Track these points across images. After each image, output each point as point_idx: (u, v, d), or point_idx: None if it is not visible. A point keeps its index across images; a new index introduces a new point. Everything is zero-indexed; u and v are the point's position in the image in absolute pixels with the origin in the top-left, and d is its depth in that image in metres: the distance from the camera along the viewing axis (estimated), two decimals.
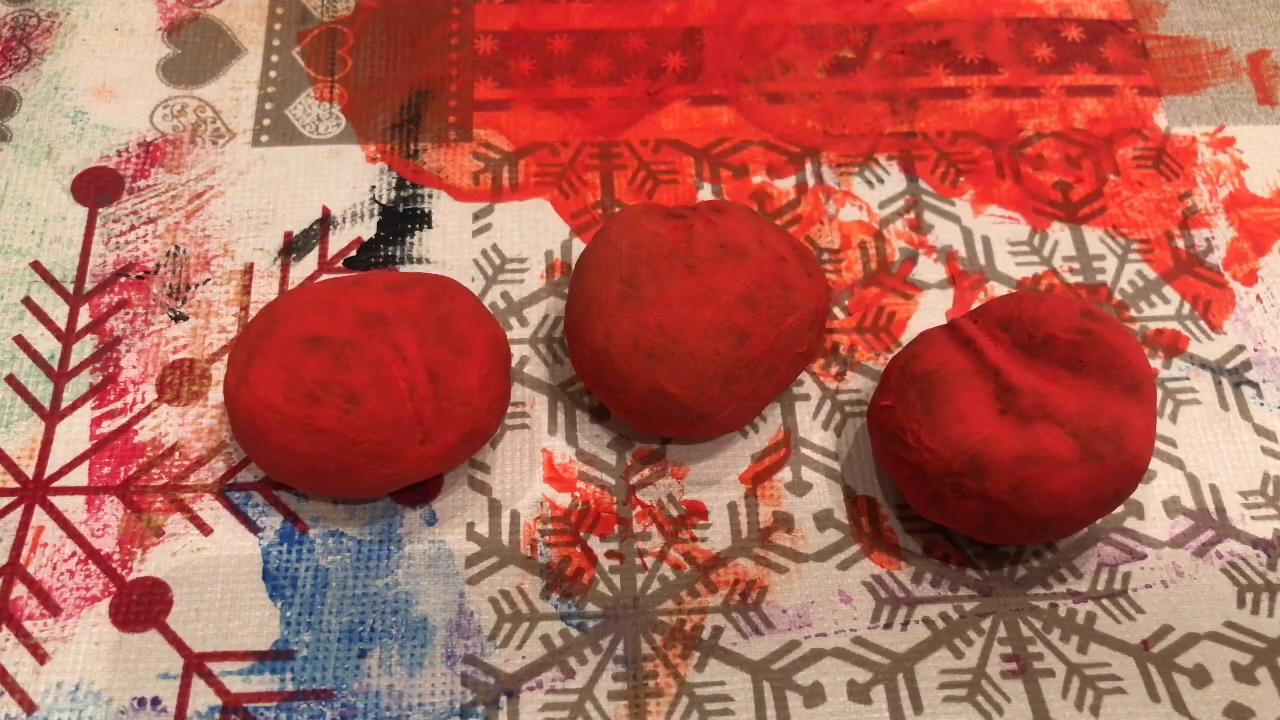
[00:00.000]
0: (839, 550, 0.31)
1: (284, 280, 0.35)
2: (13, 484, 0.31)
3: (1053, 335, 0.28)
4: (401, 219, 0.36)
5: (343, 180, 0.37)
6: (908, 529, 0.31)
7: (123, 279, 0.34)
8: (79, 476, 0.31)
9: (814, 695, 0.29)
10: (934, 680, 0.29)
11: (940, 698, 0.29)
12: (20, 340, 0.33)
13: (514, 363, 0.33)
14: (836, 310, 0.35)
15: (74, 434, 0.32)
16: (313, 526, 0.31)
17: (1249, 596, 0.31)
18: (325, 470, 0.28)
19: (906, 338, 0.34)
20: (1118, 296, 0.35)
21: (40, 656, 0.29)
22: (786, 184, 0.37)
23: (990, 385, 0.28)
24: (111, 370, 0.33)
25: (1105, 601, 0.30)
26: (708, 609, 0.30)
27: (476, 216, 0.36)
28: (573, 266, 0.34)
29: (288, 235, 0.35)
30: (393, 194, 0.36)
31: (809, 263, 0.31)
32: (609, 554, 0.31)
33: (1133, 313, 0.35)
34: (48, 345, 0.33)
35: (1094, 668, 0.29)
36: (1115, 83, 0.40)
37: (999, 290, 0.35)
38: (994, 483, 0.27)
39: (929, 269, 0.36)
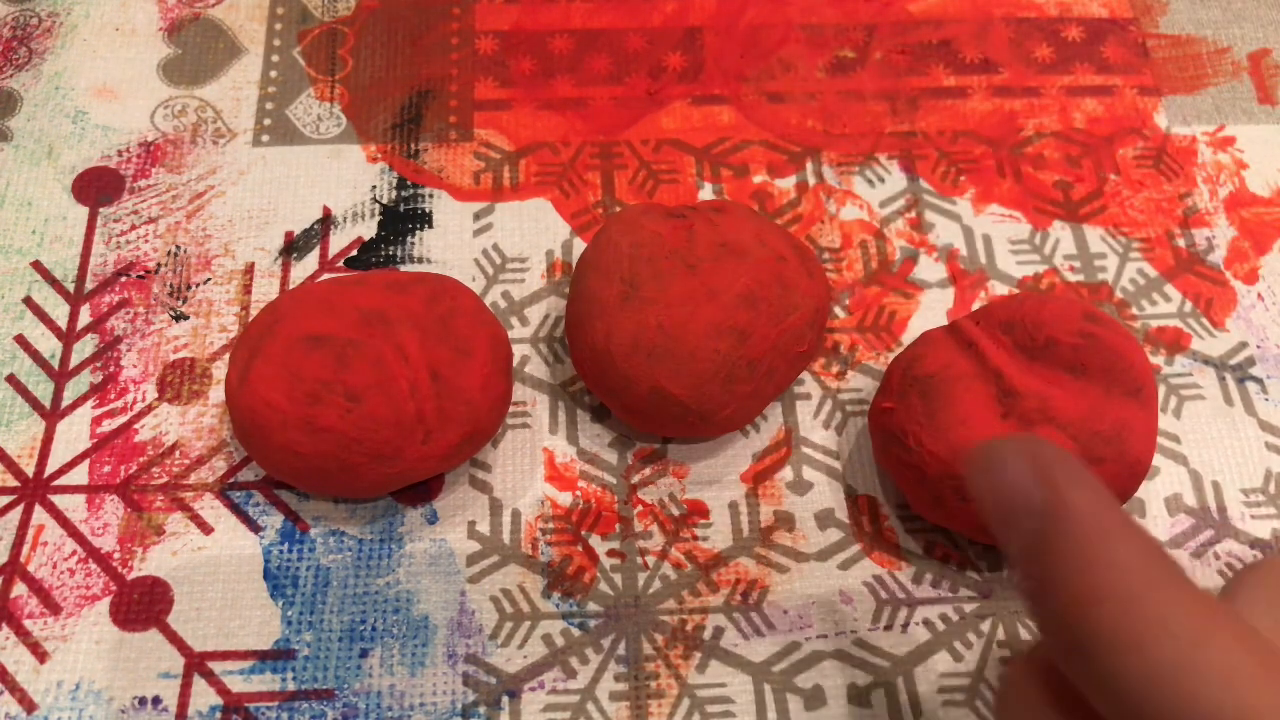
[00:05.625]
0: (840, 550, 0.31)
1: (285, 280, 0.35)
2: (13, 482, 0.31)
3: (1055, 338, 0.28)
4: (402, 219, 0.36)
5: (343, 180, 0.37)
6: (908, 529, 0.31)
7: (123, 278, 0.34)
8: (79, 475, 0.31)
9: (814, 699, 0.29)
10: (933, 684, 0.29)
11: (939, 702, 0.29)
12: (21, 339, 0.33)
13: (515, 362, 0.33)
14: (837, 309, 0.35)
15: (74, 433, 0.32)
16: (314, 525, 0.31)
17: None
18: (327, 469, 0.28)
19: (907, 337, 0.34)
20: (1119, 295, 0.35)
21: (40, 655, 0.29)
22: (787, 183, 0.37)
23: (992, 388, 0.28)
24: (112, 369, 0.33)
25: None
26: (709, 609, 0.30)
27: (477, 216, 0.36)
28: (573, 266, 0.34)
29: (288, 235, 0.35)
30: (393, 194, 0.36)
31: (810, 262, 0.31)
32: (610, 553, 0.31)
33: (1134, 311, 0.35)
34: (48, 344, 0.33)
35: None
36: (1115, 83, 0.40)
37: (1000, 289, 0.35)
38: None
39: (930, 268, 0.36)
